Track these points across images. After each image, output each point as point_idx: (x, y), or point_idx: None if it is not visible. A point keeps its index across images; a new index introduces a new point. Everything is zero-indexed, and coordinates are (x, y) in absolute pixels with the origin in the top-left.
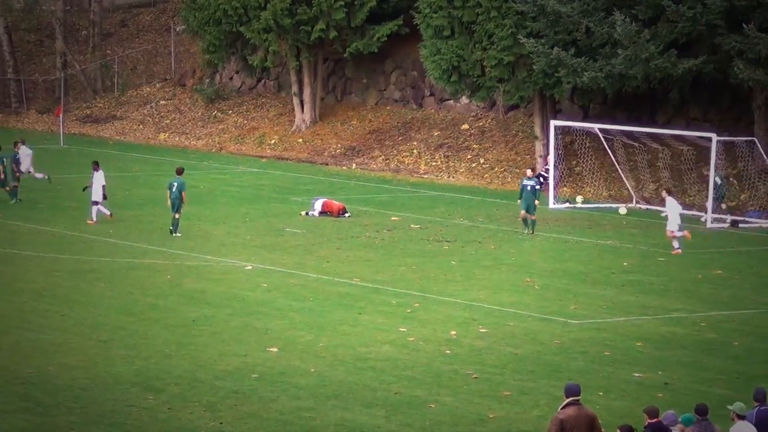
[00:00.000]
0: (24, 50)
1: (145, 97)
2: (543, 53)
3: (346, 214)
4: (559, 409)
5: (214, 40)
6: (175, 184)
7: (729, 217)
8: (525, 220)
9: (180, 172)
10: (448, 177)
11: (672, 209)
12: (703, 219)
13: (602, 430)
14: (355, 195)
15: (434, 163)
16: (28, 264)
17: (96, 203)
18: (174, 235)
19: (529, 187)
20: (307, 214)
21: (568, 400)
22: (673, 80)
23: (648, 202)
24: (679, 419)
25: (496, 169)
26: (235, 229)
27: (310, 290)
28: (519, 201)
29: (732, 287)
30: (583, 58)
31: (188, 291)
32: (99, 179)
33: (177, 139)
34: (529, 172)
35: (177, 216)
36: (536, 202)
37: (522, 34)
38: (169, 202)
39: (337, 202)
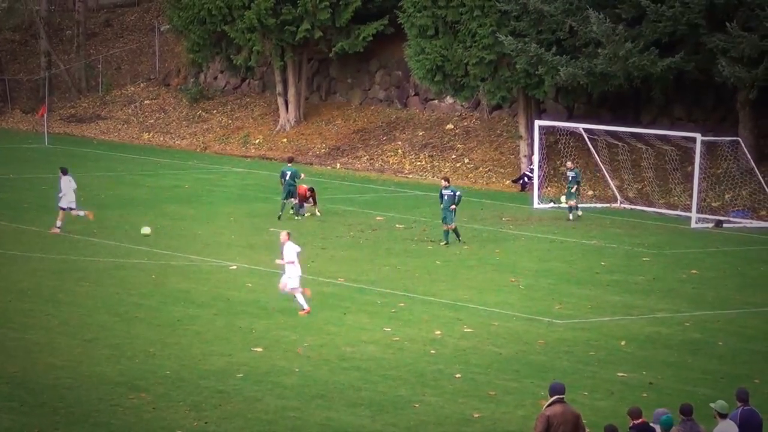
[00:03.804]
0: (8, 50)
1: (130, 96)
2: (523, 51)
3: (304, 213)
4: (544, 407)
5: (199, 40)
6: (288, 172)
7: (552, 204)
8: (447, 232)
9: (291, 160)
10: (433, 177)
11: (66, 186)
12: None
13: (585, 428)
14: (340, 195)
15: (419, 163)
16: (13, 263)
17: None
18: (297, 218)
19: (446, 197)
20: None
21: (553, 398)
22: (654, 79)
23: (632, 202)
24: (658, 422)
25: (481, 168)
26: (219, 229)
27: None
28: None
29: (716, 287)
30: (565, 56)
31: (173, 291)
32: None
33: (161, 138)
34: (444, 182)
35: (294, 200)
36: (453, 207)
37: (505, 33)
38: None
39: (303, 187)
